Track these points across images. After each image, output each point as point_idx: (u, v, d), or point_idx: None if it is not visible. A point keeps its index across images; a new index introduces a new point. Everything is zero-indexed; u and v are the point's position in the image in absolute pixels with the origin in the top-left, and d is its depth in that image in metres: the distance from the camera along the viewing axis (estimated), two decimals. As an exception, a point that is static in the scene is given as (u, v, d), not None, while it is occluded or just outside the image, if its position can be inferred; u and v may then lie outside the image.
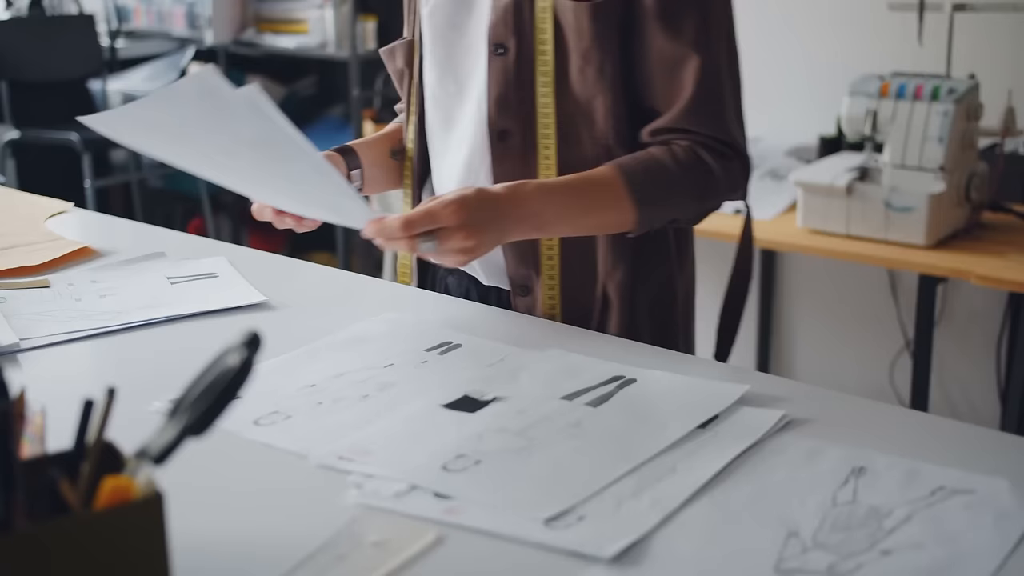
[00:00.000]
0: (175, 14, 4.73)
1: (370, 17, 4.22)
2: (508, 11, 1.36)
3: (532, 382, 1.16)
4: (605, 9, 1.32)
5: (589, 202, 1.31)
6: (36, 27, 4.55)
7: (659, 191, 1.33)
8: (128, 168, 4.93)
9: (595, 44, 1.33)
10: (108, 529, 0.71)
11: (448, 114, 1.46)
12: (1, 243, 1.65)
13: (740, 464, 0.99)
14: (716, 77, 1.33)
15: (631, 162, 1.33)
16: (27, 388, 0.93)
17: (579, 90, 1.35)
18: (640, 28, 1.33)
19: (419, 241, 1.18)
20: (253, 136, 1.09)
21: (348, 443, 1.03)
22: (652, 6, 1.32)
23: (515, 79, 1.37)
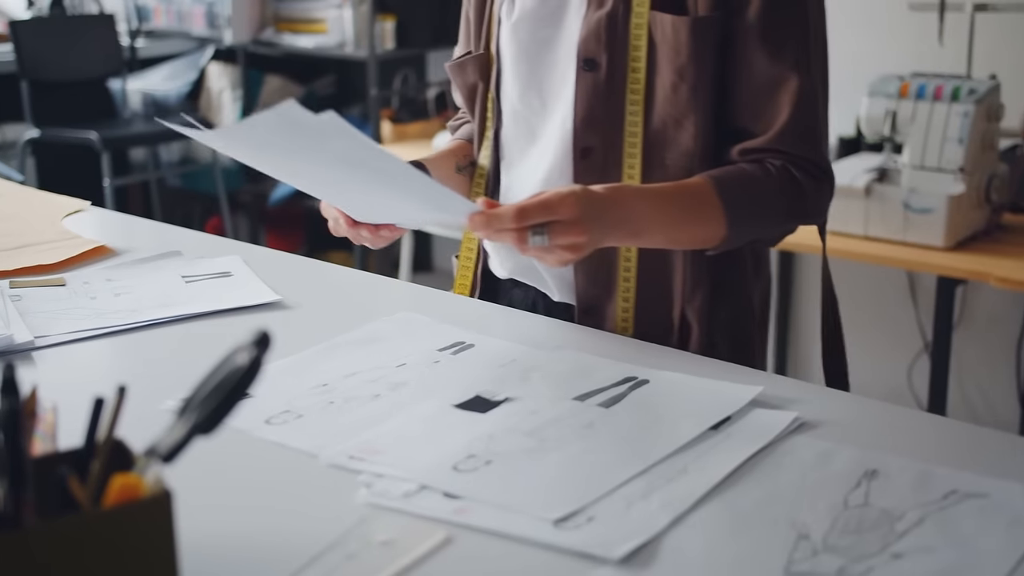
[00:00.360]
0: (195, 14, 4.75)
1: (388, 17, 4.22)
2: (601, 25, 1.32)
3: (544, 383, 1.16)
4: (705, 24, 1.28)
5: (684, 213, 1.27)
6: (57, 27, 4.57)
7: (751, 208, 1.29)
8: (147, 167, 4.95)
9: (692, 60, 1.29)
10: (116, 526, 0.71)
11: (530, 129, 1.42)
12: (18, 241, 1.66)
13: (752, 466, 0.99)
14: (813, 99, 1.30)
15: (726, 177, 1.29)
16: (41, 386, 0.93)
17: (670, 108, 1.31)
18: (739, 45, 1.29)
19: (530, 234, 1.11)
20: (341, 155, 1.07)
21: (359, 442, 1.03)
22: (755, 24, 1.28)
23: (604, 96, 1.33)
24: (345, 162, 1.09)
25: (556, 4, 1.37)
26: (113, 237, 1.70)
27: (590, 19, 1.33)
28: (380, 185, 1.15)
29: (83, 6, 4.86)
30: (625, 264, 1.36)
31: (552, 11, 1.37)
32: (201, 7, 4.71)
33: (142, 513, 0.72)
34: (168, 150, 4.95)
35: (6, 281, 1.47)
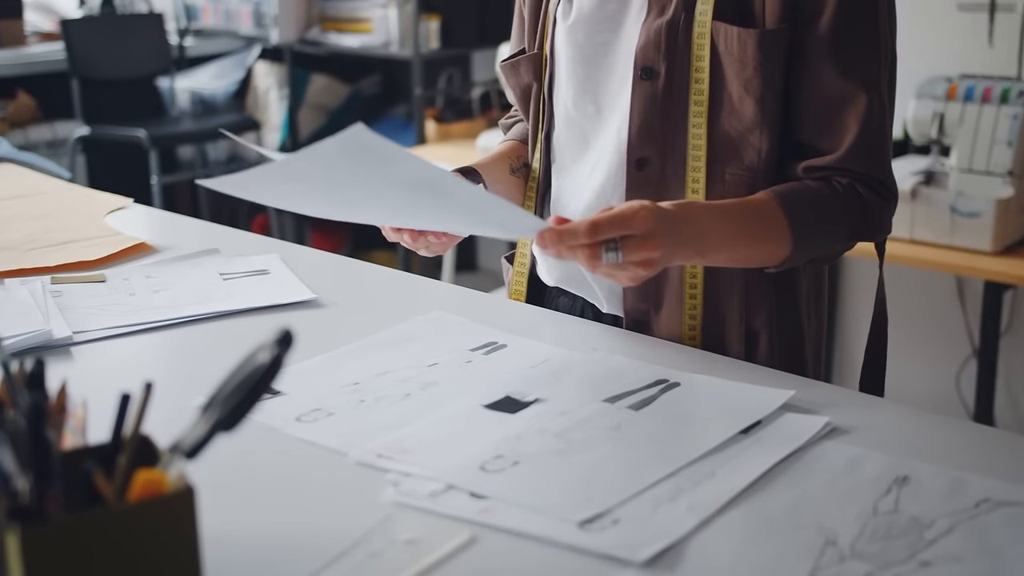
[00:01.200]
0: (242, 13, 4.78)
1: (433, 16, 4.23)
2: (660, 33, 1.28)
3: (574, 384, 1.16)
4: (773, 37, 1.24)
5: (751, 231, 1.22)
6: (107, 26, 4.63)
7: (817, 227, 1.25)
8: (194, 165, 5.00)
9: (758, 73, 1.25)
10: (140, 521, 0.72)
11: (583, 136, 1.39)
12: (61, 238, 1.68)
13: (781, 470, 0.98)
14: (881, 117, 1.27)
15: (792, 195, 1.25)
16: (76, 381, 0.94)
17: (733, 121, 1.28)
18: (808, 59, 1.26)
19: (603, 250, 1.07)
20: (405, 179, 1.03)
21: (387, 441, 1.03)
22: (826, 38, 1.25)
23: (661, 106, 1.29)
24: (410, 186, 1.05)
25: (615, 8, 1.34)
26: (154, 234, 1.71)
27: (650, 26, 1.29)
28: (446, 207, 1.11)
29: (133, 5, 4.91)
30: (691, 280, 1.32)
31: (611, 15, 1.34)
32: (248, 6, 4.74)
33: (165, 508, 0.73)
34: (215, 148, 4.99)
35: (47, 277, 1.49)
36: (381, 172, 1.02)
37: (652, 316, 1.35)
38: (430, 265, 4.10)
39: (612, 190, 1.34)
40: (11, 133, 4.32)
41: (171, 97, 4.81)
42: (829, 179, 1.27)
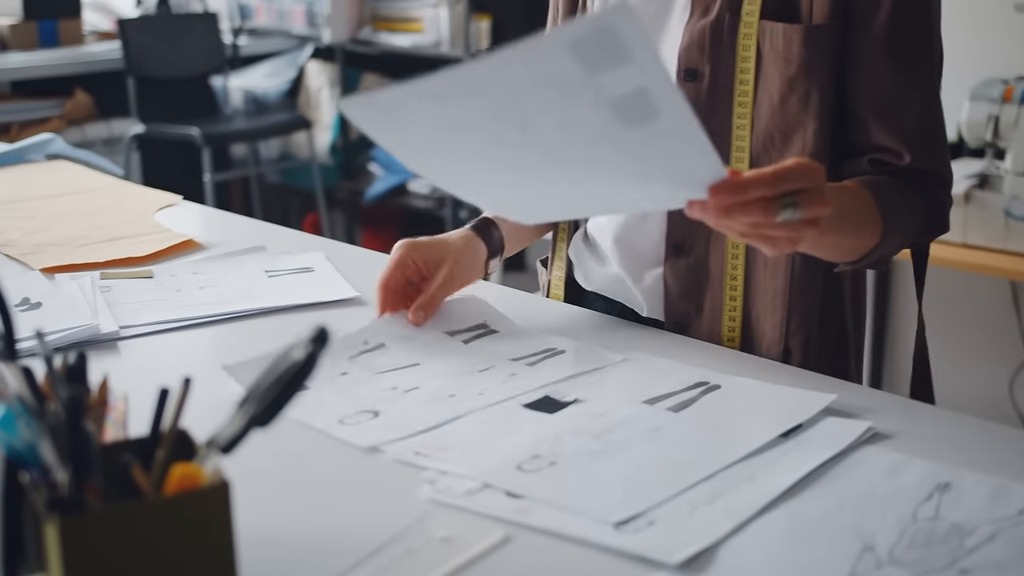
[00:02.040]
0: (295, 12, 4.82)
1: (484, 16, 4.24)
2: (705, 34, 1.27)
3: (614, 385, 1.15)
4: (820, 33, 1.23)
5: (856, 213, 1.17)
6: (163, 25, 4.68)
7: (901, 218, 1.22)
8: (247, 163, 5.05)
9: (802, 70, 1.23)
10: (175, 514, 0.73)
11: None
12: (111, 234, 1.70)
13: (820, 475, 0.97)
14: (940, 111, 1.27)
15: (879, 184, 1.22)
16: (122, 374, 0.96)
17: (777, 122, 1.26)
18: (862, 55, 1.24)
19: (780, 205, 0.97)
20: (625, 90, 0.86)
21: (425, 439, 1.04)
22: (882, 32, 1.23)
23: (705, 107, 1.27)
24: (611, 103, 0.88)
25: (658, 9, 1.32)
26: (202, 231, 1.73)
27: (693, 27, 1.27)
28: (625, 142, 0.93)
29: (188, 5, 4.97)
30: (732, 283, 1.31)
31: (653, 16, 1.32)
32: (301, 6, 4.78)
33: (200, 502, 0.74)
34: (267, 146, 5.03)
35: (96, 272, 1.51)
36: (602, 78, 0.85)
37: (693, 319, 1.34)
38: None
39: None
40: (68, 130, 4.38)
41: (224, 96, 4.86)
42: (901, 174, 1.26)
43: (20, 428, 0.73)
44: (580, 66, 0.84)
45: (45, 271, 1.53)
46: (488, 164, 0.99)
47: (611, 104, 0.88)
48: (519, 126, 0.92)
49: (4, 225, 1.75)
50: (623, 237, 1.37)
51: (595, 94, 0.87)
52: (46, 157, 2.28)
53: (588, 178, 1.00)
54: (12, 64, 4.38)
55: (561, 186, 1.02)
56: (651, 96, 0.88)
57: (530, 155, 0.96)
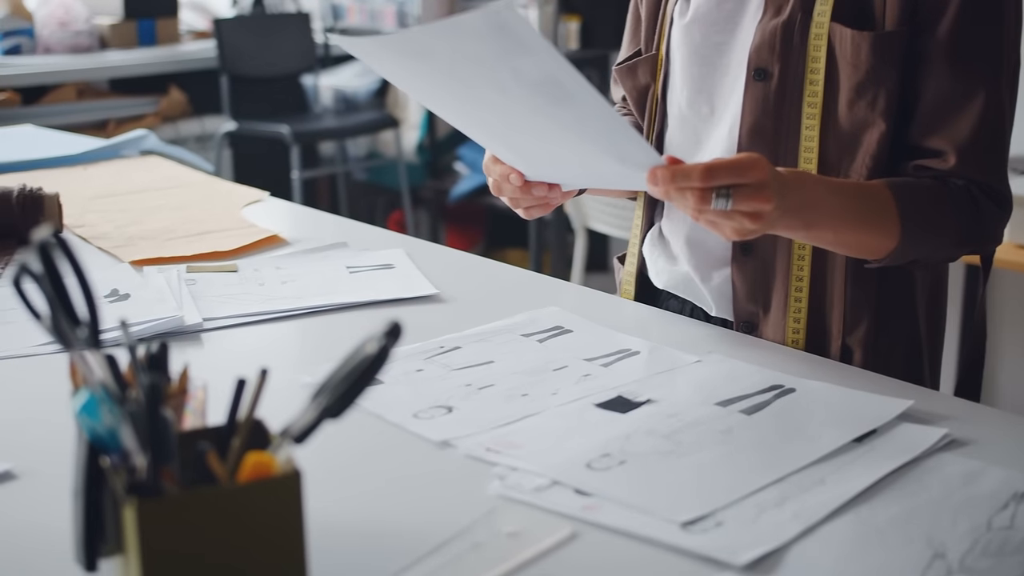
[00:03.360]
0: (386, 12, 4.88)
1: (573, 17, 4.25)
2: (776, 35, 1.27)
3: (688, 386, 1.15)
4: (889, 40, 1.23)
5: (861, 212, 1.20)
6: (257, 24, 4.77)
7: (926, 225, 1.23)
8: (335, 161, 5.12)
9: (870, 76, 1.24)
10: (247, 501, 0.75)
11: (696, 136, 1.38)
12: (198, 228, 1.74)
13: (893, 481, 0.96)
14: (1000, 120, 1.25)
15: (907, 187, 1.23)
16: (204, 365, 0.98)
17: (845, 123, 1.26)
18: (926, 60, 1.24)
19: (713, 195, 1.05)
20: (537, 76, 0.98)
21: (497, 435, 1.05)
22: (946, 38, 1.23)
23: (774, 107, 1.28)
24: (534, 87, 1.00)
25: (732, 8, 1.33)
26: (286, 227, 1.76)
27: (765, 27, 1.28)
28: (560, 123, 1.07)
29: (282, 4, 5.05)
30: (797, 284, 1.31)
31: (728, 15, 1.33)
32: (392, 6, 4.83)
33: (272, 490, 0.75)
34: (355, 145, 5.10)
35: (183, 265, 1.55)
36: (514, 64, 0.98)
37: (760, 319, 1.34)
38: (561, 264, 4.11)
39: None
40: (163, 127, 4.49)
41: (314, 94, 4.93)
42: (944, 180, 1.25)
43: (102, 414, 0.75)
44: (492, 50, 0.97)
45: (134, 263, 1.57)
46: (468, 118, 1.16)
47: (531, 86, 1.00)
48: (468, 89, 1.06)
49: (98, 218, 1.80)
50: (694, 236, 1.37)
51: (514, 76, 0.99)
52: (140, 153, 2.34)
53: (553, 146, 1.13)
54: (111, 62, 4.49)
55: (536, 149, 1.16)
56: (562, 83, 0.98)
57: (489, 117, 1.11)
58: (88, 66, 4.43)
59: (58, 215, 1.70)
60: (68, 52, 4.51)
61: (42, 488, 0.96)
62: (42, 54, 4.49)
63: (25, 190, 1.69)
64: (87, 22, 4.58)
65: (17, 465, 1.00)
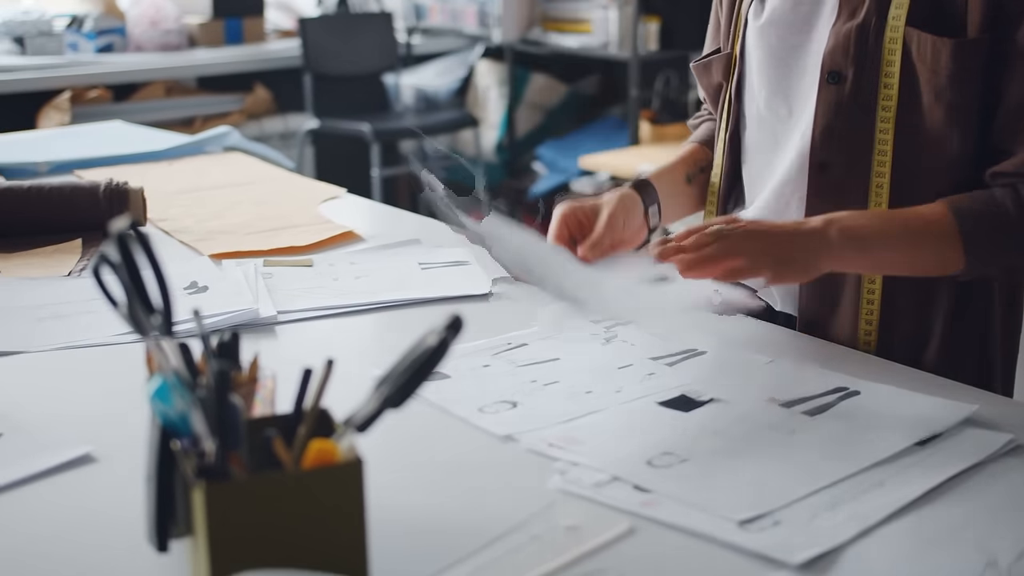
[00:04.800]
0: (467, 12, 4.91)
1: (653, 18, 4.24)
2: (850, 38, 1.27)
3: (751, 387, 1.16)
4: (970, 48, 1.23)
5: (914, 233, 1.23)
6: (340, 24, 4.84)
7: (993, 234, 1.23)
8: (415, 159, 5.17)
9: (951, 82, 1.23)
10: (310, 487, 0.77)
11: (774, 137, 1.38)
12: (276, 224, 1.78)
13: (954, 485, 0.96)
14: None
15: (966, 200, 1.24)
16: (277, 356, 1.01)
17: (924, 128, 1.26)
18: (1004, 64, 1.23)
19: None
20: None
21: (559, 431, 1.06)
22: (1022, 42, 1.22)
23: (847, 110, 1.28)
24: None
25: (808, 10, 1.33)
26: (362, 223, 1.79)
27: (839, 30, 1.28)
28: None
29: (366, 4, 5.11)
30: (869, 286, 1.31)
31: (803, 17, 1.33)
32: (474, 6, 4.87)
33: (334, 477, 0.78)
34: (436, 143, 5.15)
35: (260, 260, 1.59)
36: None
37: (827, 318, 1.34)
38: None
39: (792, 191, 1.34)
40: (247, 124, 4.57)
41: (396, 93, 4.99)
42: (1015, 185, 1.23)
43: (174, 399, 0.78)
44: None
45: (213, 257, 1.61)
46: None
47: None
48: None
49: (180, 212, 1.85)
50: None
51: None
52: (223, 149, 2.40)
53: None
54: (199, 60, 4.59)
55: None
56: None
57: None
58: (177, 64, 4.53)
59: (142, 209, 1.75)
60: (158, 50, 4.62)
61: (120, 471, 1.00)
62: (133, 52, 4.60)
63: (111, 184, 1.74)
64: (177, 21, 4.68)
65: (97, 448, 1.04)
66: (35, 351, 1.29)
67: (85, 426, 1.09)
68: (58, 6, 4.62)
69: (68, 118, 4.11)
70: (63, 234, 1.69)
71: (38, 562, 0.87)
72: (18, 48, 4.36)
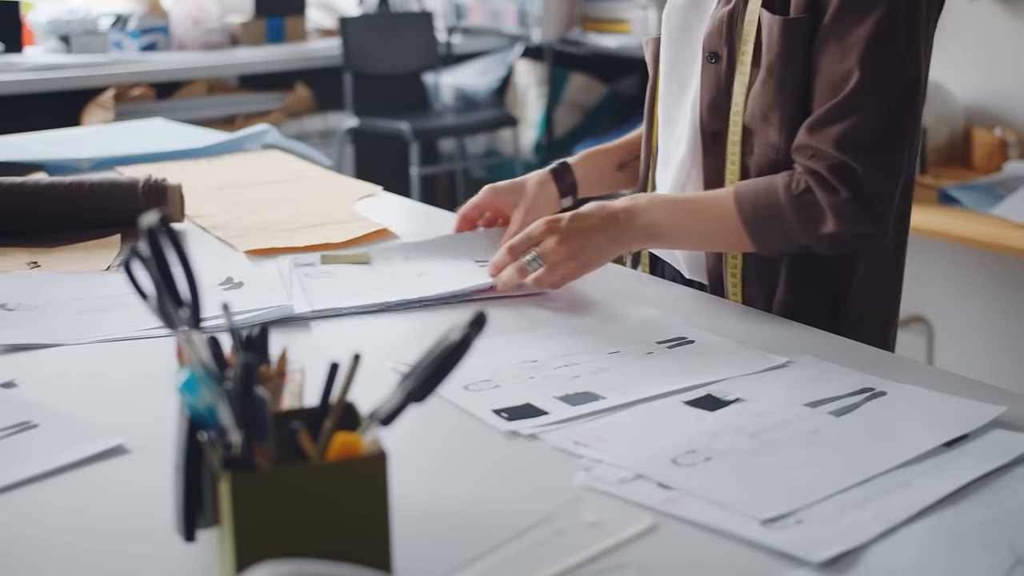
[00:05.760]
0: (507, 12, 4.92)
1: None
2: (723, 22, 1.42)
3: (778, 386, 1.16)
4: (794, 26, 1.35)
5: (702, 219, 1.40)
6: (381, 23, 4.87)
7: (768, 218, 1.36)
8: (453, 158, 5.19)
9: (779, 59, 1.36)
10: (334, 479, 0.78)
11: (669, 113, 1.54)
12: (311, 220, 1.80)
13: (980, 486, 0.95)
14: (866, 97, 1.31)
15: (748, 186, 1.38)
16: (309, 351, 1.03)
17: (760, 102, 1.39)
18: (818, 45, 1.35)
19: (528, 266, 1.38)
20: None
21: (585, 429, 1.07)
22: (831, 20, 1.33)
23: (725, 86, 1.43)
24: None
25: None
26: (396, 221, 1.81)
27: (715, 15, 1.43)
28: None
29: (406, 3, 5.14)
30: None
31: (695, 3, 1.49)
32: (513, 6, 4.88)
33: (358, 469, 0.79)
34: (474, 142, 5.16)
35: (295, 256, 1.60)
36: None
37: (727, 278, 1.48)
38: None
39: (691, 163, 1.48)
40: (288, 123, 4.61)
41: (435, 92, 5.01)
42: (795, 167, 1.36)
43: (201, 391, 0.80)
44: None
45: (249, 253, 1.63)
46: None
47: None
48: None
49: (218, 209, 1.87)
50: None
51: None
52: (261, 147, 2.42)
53: None
54: (241, 59, 4.63)
55: None
56: None
57: None
58: (219, 63, 4.58)
59: (180, 205, 1.77)
60: (201, 49, 4.67)
61: (151, 462, 1.01)
62: (176, 51, 4.66)
63: (150, 181, 1.77)
64: (219, 20, 4.73)
65: (129, 440, 1.05)
66: (75, 344, 1.31)
67: (119, 418, 1.11)
68: (103, 5, 4.69)
69: (112, 115, 4.16)
70: (102, 230, 1.72)
71: (70, 549, 0.89)
72: (64, 46, 4.42)
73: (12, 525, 0.92)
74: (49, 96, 4.18)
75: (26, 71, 4.18)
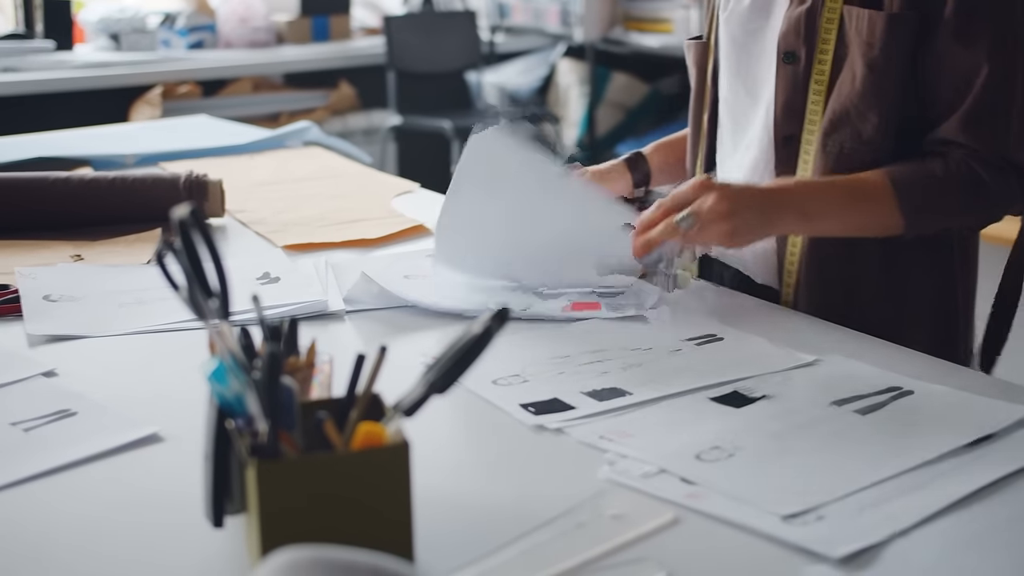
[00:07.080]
0: (550, 11, 4.93)
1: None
2: (800, 20, 1.40)
3: (805, 385, 1.16)
4: (901, 20, 1.33)
5: (854, 199, 1.35)
6: (424, 22, 4.90)
7: (927, 198, 1.34)
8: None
9: (883, 54, 1.34)
10: (358, 468, 0.80)
11: (736, 119, 1.51)
12: (348, 216, 1.82)
13: (1002, 487, 0.95)
14: (1003, 90, 1.33)
15: (901, 167, 1.35)
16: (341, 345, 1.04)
17: (853, 98, 1.36)
18: (934, 39, 1.33)
19: (676, 220, 1.28)
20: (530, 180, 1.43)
21: (611, 424, 1.08)
22: (949, 17, 1.32)
23: (803, 87, 1.40)
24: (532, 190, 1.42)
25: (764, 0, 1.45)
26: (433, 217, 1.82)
27: (791, 14, 1.40)
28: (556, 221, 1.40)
29: (450, 3, 5.16)
30: (791, 250, 1.44)
31: (761, 5, 1.46)
32: (556, 5, 4.89)
33: (381, 458, 0.81)
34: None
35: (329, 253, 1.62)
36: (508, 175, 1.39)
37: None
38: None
39: (764, 167, 1.45)
40: (331, 120, 4.65)
41: (478, 91, 5.03)
42: (944, 154, 1.34)
43: (230, 380, 0.82)
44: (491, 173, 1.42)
45: (287, 248, 1.66)
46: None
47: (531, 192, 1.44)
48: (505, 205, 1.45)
49: (258, 204, 1.90)
50: None
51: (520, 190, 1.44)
52: (302, 143, 2.45)
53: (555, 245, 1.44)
54: (286, 57, 4.68)
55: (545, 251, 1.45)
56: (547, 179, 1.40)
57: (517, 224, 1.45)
58: (264, 61, 4.63)
59: (220, 200, 1.80)
60: (247, 47, 4.72)
61: (184, 450, 1.03)
62: (223, 49, 4.71)
63: (191, 176, 1.80)
64: (265, 19, 4.78)
65: (164, 428, 1.08)
66: (115, 335, 1.34)
67: (154, 407, 1.14)
68: (152, 4, 4.75)
69: (159, 112, 4.22)
70: (144, 224, 1.75)
71: (103, 532, 0.91)
72: (113, 44, 4.49)
73: (51, 507, 0.95)
74: (98, 93, 4.24)
75: (76, 68, 4.25)
